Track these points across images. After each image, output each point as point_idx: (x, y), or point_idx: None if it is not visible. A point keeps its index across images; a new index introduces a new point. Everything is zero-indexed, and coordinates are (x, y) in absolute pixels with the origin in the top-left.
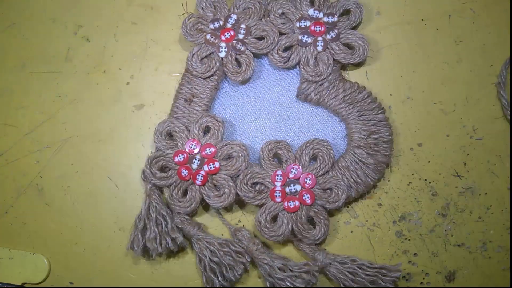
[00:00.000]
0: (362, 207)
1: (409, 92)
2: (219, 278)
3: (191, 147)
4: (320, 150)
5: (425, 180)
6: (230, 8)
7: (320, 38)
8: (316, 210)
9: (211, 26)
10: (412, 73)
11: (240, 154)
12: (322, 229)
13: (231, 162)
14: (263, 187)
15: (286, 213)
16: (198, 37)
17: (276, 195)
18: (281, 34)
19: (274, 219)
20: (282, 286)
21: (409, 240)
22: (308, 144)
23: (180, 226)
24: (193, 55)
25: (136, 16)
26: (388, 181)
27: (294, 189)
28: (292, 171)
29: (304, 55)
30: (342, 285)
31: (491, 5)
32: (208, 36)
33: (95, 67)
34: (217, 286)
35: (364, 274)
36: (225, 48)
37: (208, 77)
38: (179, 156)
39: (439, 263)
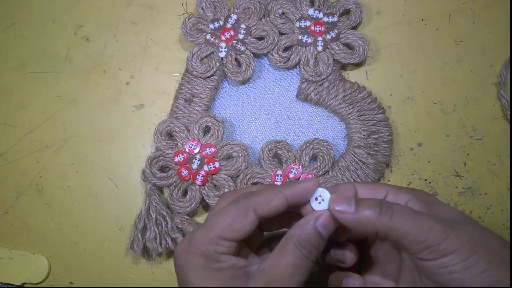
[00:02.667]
0: None
1: (409, 92)
2: None
3: (191, 147)
4: (320, 150)
5: (425, 180)
6: (230, 8)
7: (320, 38)
8: None
9: (211, 26)
10: (412, 73)
11: (240, 154)
12: None
13: (231, 162)
14: None
15: None
16: (198, 37)
17: None
18: (281, 34)
19: None
20: None
21: None
22: (308, 144)
23: (180, 226)
24: (193, 55)
25: (136, 16)
26: (388, 181)
27: None
28: (292, 171)
29: (304, 55)
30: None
31: (491, 5)
32: (208, 36)
33: (95, 67)
34: None
35: None
36: (225, 48)
37: (208, 77)
38: (179, 156)
39: None
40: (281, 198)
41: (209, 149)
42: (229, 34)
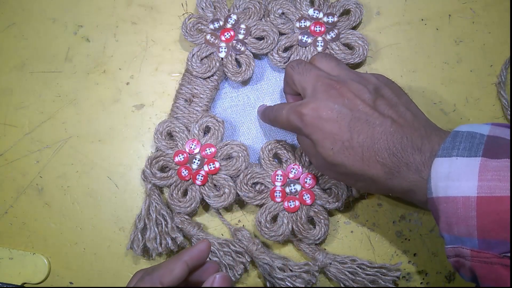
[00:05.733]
0: (362, 207)
1: (409, 92)
2: None
3: (191, 147)
4: None
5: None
6: (230, 8)
7: (320, 38)
8: (316, 210)
9: (211, 26)
10: (412, 73)
11: (240, 154)
12: (322, 229)
13: (231, 162)
14: (263, 187)
15: (286, 213)
16: (198, 38)
17: (276, 195)
18: (281, 34)
19: (274, 219)
20: (282, 286)
21: (409, 240)
22: None
23: (180, 226)
24: (193, 55)
25: (136, 16)
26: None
27: (294, 189)
28: (292, 171)
29: (304, 55)
30: (342, 285)
31: (491, 5)
32: (208, 37)
33: (95, 67)
34: None
35: (364, 273)
36: (225, 48)
37: (208, 77)
38: (179, 156)
39: (439, 263)
40: (181, 264)
41: (209, 149)
42: (229, 34)
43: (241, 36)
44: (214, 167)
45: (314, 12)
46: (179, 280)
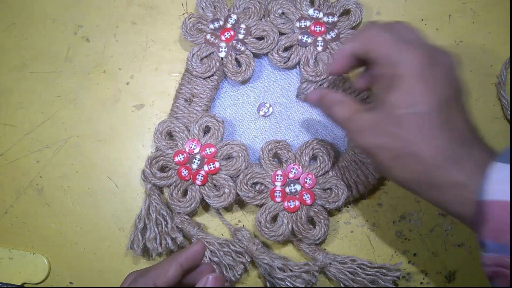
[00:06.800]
0: (362, 207)
1: None
2: None
3: (191, 147)
4: (320, 150)
5: None
6: (230, 8)
7: (320, 38)
8: (316, 210)
9: (211, 26)
10: None
11: (240, 154)
12: (322, 229)
13: (231, 162)
14: (263, 187)
15: (286, 213)
16: (198, 37)
17: (276, 195)
18: (281, 34)
19: (274, 219)
20: (282, 286)
21: (409, 240)
22: (308, 144)
23: (180, 226)
24: (193, 55)
25: (136, 16)
26: (388, 181)
27: (294, 189)
28: (292, 171)
29: (304, 55)
30: (342, 285)
31: (491, 5)
32: (208, 36)
33: (95, 67)
34: None
35: (364, 273)
36: (225, 48)
37: (208, 77)
38: (179, 156)
39: (439, 263)
40: (176, 266)
41: (209, 149)
42: (229, 34)
43: (241, 36)
44: (214, 167)
45: (314, 12)
46: (173, 281)
